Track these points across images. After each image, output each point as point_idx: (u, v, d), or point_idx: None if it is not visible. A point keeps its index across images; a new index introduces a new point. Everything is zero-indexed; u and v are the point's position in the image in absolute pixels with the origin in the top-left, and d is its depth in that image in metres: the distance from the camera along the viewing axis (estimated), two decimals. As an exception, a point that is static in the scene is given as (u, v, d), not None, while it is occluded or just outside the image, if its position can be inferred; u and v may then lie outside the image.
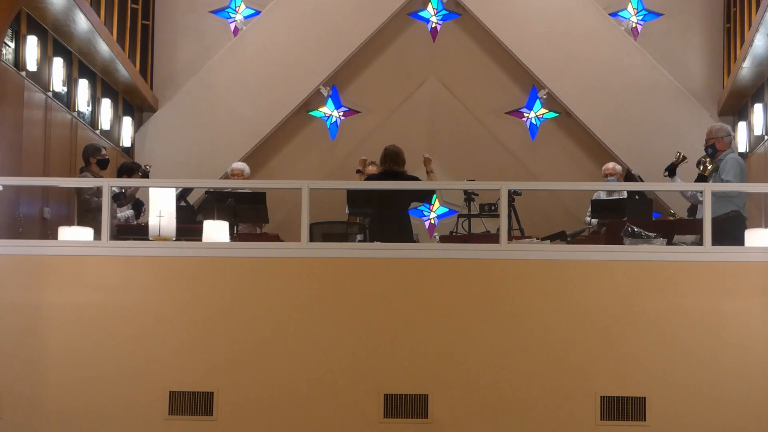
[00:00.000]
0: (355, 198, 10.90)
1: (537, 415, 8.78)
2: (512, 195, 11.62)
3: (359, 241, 10.57)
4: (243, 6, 16.02)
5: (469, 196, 12.46)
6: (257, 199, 10.81)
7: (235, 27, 15.98)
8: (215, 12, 16.02)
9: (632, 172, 12.10)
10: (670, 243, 9.50)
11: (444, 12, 15.86)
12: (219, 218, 9.82)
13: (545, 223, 13.64)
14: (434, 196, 13.71)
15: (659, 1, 15.88)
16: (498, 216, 9.96)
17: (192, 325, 8.91)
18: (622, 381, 8.78)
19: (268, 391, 8.84)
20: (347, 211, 11.53)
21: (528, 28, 15.47)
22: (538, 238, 9.98)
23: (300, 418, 8.82)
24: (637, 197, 10.98)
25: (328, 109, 15.89)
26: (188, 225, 10.24)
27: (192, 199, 11.96)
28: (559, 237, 10.30)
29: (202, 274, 8.96)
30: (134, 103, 15.29)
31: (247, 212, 10.82)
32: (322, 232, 10.48)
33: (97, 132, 13.79)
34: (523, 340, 8.83)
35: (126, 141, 14.96)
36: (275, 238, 10.81)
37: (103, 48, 12.92)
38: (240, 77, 15.49)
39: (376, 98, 15.78)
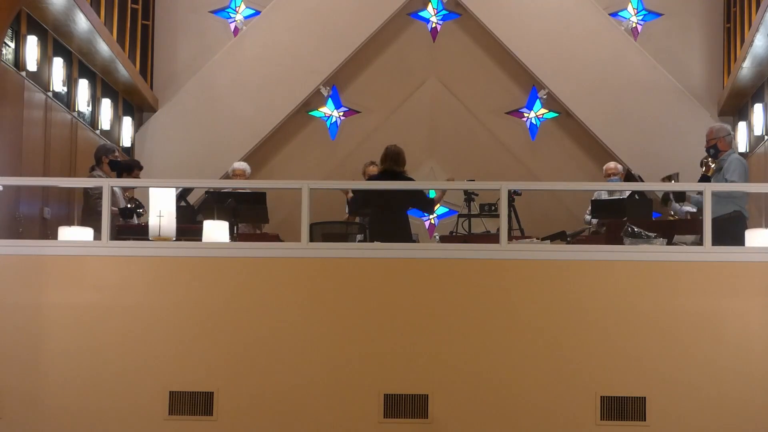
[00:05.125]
0: (354, 198, 10.90)
1: (537, 415, 8.78)
2: (512, 195, 11.62)
3: (359, 241, 10.57)
4: (243, 6, 16.01)
5: (469, 196, 12.45)
6: (257, 199, 10.81)
7: (235, 27, 15.97)
8: (215, 12, 16.01)
9: (632, 172, 12.10)
10: (670, 243, 9.50)
11: (444, 12, 15.85)
12: (219, 218, 9.81)
13: (545, 223, 13.62)
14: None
15: (659, 1, 15.87)
16: (498, 216, 9.96)
17: (192, 325, 8.90)
18: (622, 381, 8.78)
19: (268, 391, 8.84)
20: (347, 211, 11.52)
21: (528, 28, 15.46)
22: (538, 238, 9.98)
23: (300, 418, 8.81)
24: (637, 197, 10.98)
25: (328, 109, 15.89)
26: (188, 225, 10.23)
27: (192, 199, 11.94)
28: (559, 237, 10.30)
29: (202, 274, 8.96)
30: (134, 103, 15.28)
31: (247, 212, 10.82)
32: (322, 232, 10.48)
33: (97, 132, 13.79)
34: (523, 340, 8.83)
35: (126, 141, 14.95)
36: (275, 238, 10.81)
37: (103, 48, 12.91)
38: (240, 77, 15.48)
39: (376, 98, 15.77)
